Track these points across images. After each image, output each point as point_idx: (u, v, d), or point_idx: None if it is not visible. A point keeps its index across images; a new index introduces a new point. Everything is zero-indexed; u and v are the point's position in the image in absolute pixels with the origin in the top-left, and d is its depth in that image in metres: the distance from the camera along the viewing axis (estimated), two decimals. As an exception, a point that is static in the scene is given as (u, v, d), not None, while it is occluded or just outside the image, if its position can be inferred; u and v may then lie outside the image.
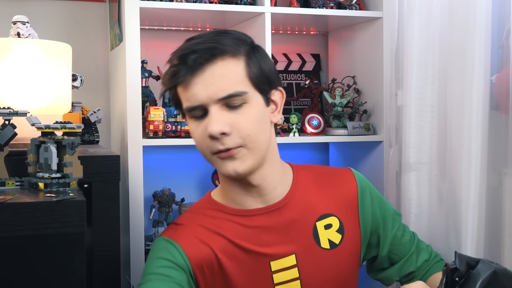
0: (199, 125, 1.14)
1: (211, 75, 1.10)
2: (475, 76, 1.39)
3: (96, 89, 2.22)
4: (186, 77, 1.11)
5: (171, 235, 1.21)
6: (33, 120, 1.27)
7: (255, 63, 1.14)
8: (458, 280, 0.99)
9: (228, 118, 1.11)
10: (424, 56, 1.59)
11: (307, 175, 1.28)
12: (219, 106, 1.11)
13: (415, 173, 1.61)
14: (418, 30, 1.60)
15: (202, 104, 1.12)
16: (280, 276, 1.21)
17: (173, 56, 1.14)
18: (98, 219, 1.36)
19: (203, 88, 1.11)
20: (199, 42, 1.12)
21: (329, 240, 1.23)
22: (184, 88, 1.13)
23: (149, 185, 1.97)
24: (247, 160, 1.14)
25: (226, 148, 1.12)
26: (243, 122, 1.12)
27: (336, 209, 1.25)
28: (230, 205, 1.23)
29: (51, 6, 2.16)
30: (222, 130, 1.10)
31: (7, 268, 1.08)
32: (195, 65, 1.10)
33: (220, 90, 1.10)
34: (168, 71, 1.15)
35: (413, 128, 1.61)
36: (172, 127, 1.83)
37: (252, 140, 1.13)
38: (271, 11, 1.89)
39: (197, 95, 1.11)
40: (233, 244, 1.20)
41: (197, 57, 1.10)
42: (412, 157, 1.61)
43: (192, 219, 1.24)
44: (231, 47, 1.12)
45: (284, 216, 1.22)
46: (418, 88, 1.59)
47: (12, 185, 1.25)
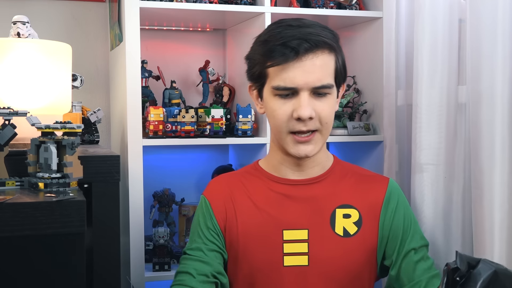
0: (285, 103, 1.25)
1: (312, 63, 1.22)
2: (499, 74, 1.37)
3: (96, 89, 2.22)
4: (289, 60, 1.21)
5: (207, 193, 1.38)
6: (33, 120, 1.27)
7: (340, 60, 1.28)
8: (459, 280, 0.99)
9: (314, 104, 1.24)
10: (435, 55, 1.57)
11: (345, 169, 1.38)
12: (309, 93, 1.24)
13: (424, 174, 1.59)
14: (428, 29, 1.58)
15: (296, 87, 1.23)
16: (290, 247, 1.28)
17: (272, 36, 1.24)
18: (98, 219, 1.36)
19: (302, 73, 1.22)
20: (311, 32, 1.22)
21: (344, 228, 1.29)
22: (282, 69, 1.23)
23: (149, 185, 1.97)
24: (319, 144, 1.28)
25: (308, 129, 1.25)
26: (326, 111, 1.26)
27: (360, 204, 1.32)
28: (269, 171, 1.37)
29: (51, 6, 2.16)
30: (311, 114, 1.24)
31: (7, 268, 1.08)
32: (302, 51, 1.21)
33: (317, 79, 1.23)
34: (266, 48, 1.24)
35: (423, 128, 1.58)
36: (172, 127, 1.83)
37: (327, 127, 1.28)
38: (271, 11, 1.89)
39: (295, 79, 1.23)
40: (255, 207, 1.32)
41: (304, 43, 1.21)
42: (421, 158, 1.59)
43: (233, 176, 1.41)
44: (332, 43, 1.25)
45: (309, 192, 1.32)
46: (428, 89, 1.57)
47: (12, 185, 1.25)
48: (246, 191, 1.36)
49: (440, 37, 1.56)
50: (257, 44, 1.30)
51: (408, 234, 1.32)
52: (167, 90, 2.01)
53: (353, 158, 2.15)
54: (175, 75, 2.19)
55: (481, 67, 1.40)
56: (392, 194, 1.34)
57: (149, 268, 1.87)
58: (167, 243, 1.89)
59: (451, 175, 1.54)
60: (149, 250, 1.89)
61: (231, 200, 1.35)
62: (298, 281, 1.27)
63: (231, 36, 2.24)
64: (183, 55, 2.26)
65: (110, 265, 1.38)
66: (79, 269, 1.11)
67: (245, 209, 1.34)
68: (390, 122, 1.84)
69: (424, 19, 1.58)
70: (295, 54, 1.21)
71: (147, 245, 1.87)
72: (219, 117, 1.88)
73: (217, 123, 1.88)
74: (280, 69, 1.24)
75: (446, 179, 1.55)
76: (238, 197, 1.35)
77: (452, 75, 1.56)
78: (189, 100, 2.19)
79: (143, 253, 1.77)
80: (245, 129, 1.90)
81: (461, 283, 0.98)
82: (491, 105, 1.37)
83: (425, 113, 1.58)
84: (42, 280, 1.10)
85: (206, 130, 1.87)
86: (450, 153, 1.55)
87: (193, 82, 2.26)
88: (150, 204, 2.04)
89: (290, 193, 1.33)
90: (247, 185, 1.37)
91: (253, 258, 1.30)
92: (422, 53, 1.59)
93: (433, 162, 1.57)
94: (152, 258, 1.88)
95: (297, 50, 1.21)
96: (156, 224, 2.01)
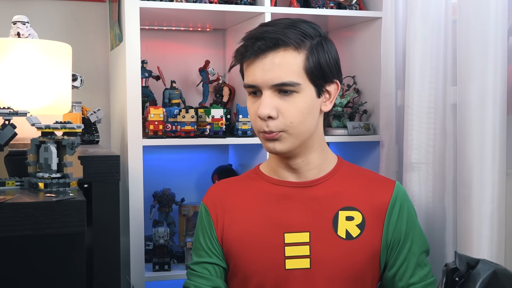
0: (254, 102, 1.28)
1: (271, 62, 1.23)
2: (490, 75, 1.37)
3: (96, 89, 2.22)
4: (250, 58, 1.25)
5: (206, 200, 1.39)
6: (33, 120, 1.27)
7: (315, 58, 1.25)
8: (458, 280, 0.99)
9: (277, 104, 1.24)
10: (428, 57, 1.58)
11: (350, 171, 1.37)
12: (271, 91, 1.24)
13: (415, 173, 1.60)
14: (420, 30, 1.59)
15: (257, 85, 1.25)
16: (292, 250, 1.28)
17: (246, 36, 1.28)
18: (98, 219, 1.36)
19: (261, 72, 1.24)
20: (269, 30, 1.25)
21: (346, 231, 1.28)
22: (247, 66, 1.27)
23: (149, 185, 1.97)
24: (287, 143, 1.27)
25: (270, 130, 1.25)
26: (290, 110, 1.24)
27: (364, 207, 1.31)
28: (270, 174, 1.37)
29: (51, 6, 2.16)
30: (269, 114, 1.24)
31: (7, 268, 1.08)
32: (259, 50, 1.23)
33: (276, 77, 1.23)
34: (239, 48, 1.29)
35: (414, 128, 1.60)
36: (172, 127, 1.83)
37: (294, 127, 1.25)
38: (271, 11, 1.89)
39: (255, 76, 1.25)
40: (255, 211, 1.32)
41: (263, 43, 1.23)
42: (412, 157, 1.61)
43: (232, 182, 1.43)
44: (294, 41, 1.23)
45: (310, 193, 1.31)
46: (420, 91, 1.59)
47: (12, 185, 1.25)
48: (246, 196, 1.36)
49: (431, 38, 1.57)
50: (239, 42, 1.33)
51: (408, 239, 1.31)
52: (167, 90, 2.01)
53: (353, 158, 2.15)
54: (175, 75, 2.19)
55: (470, 68, 1.40)
56: (397, 199, 1.32)
57: (149, 268, 1.87)
58: (167, 243, 1.89)
59: (441, 174, 1.56)
60: (149, 250, 1.90)
61: (230, 205, 1.35)
62: (300, 284, 1.27)
63: (231, 36, 2.24)
64: (183, 55, 2.26)
65: (110, 265, 1.38)
66: (79, 269, 1.11)
67: (245, 213, 1.33)
68: (387, 122, 1.85)
69: (416, 20, 1.59)
70: (254, 52, 1.24)
71: (147, 245, 1.87)
72: (219, 117, 1.88)
73: (217, 123, 1.88)
74: (247, 66, 1.28)
75: (436, 177, 1.56)
76: (237, 202, 1.35)
77: (442, 75, 1.56)
78: (189, 100, 2.19)
79: (143, 253, 1.77)
80: (245, 129, 1.91)
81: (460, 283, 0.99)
82: (481, 105, 1.38)
83: (416, 113, 1.60)
84: (42, 280, 1.10)
85: (206, 130, 1.87)
86: (440, 153, 1.56)
87: (193, 82, 2.26)
88: (150, 204, 2.04)
89: (291, 194, 1.32)
90: (247, 189, 1.37)
91: (254, 262, 1.29)
92: (414, 54, 1.60)
93: (423, 161, 1.58)
94: (152, 258, 1.88)
95: (255, 48, 1.23)
96: (156, 224, 2.02)
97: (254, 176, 1.40)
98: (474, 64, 1.39)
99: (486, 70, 1.37)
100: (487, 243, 1.36)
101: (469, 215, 1.40)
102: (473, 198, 1.39)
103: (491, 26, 1.36)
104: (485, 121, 1.37)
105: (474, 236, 1.38)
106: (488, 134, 1.37)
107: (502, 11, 1.36)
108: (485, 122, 1.37)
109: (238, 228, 1.32)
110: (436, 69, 1.58)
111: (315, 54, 1.25)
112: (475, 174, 1.38)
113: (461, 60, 1.44)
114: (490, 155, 1.36)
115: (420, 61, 1.59)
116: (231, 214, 1.34)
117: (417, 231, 1.34)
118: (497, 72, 1.36)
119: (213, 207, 1.36)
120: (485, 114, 1.37)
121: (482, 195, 1.37)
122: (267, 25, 1.28)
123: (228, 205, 1.35)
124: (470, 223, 1.39)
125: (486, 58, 1.37)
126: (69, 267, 1.11)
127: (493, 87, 1.36)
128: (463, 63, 1.43)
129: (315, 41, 1.26)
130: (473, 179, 1.39)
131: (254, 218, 1.32)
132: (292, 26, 1.25)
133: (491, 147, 1.36)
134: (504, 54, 1.37)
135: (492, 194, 1.36)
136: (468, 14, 1.41)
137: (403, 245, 1.31)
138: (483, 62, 1.37)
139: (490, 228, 1.36)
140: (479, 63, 1.38)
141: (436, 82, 1.58)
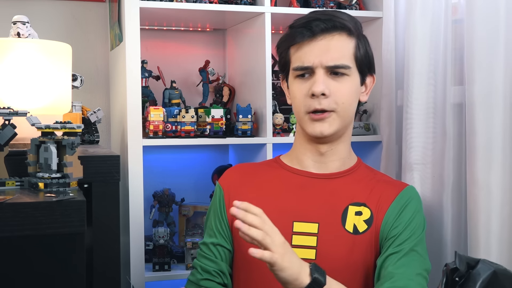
0: (302, 83, 1.30)
1: (327, 43, 1.27)
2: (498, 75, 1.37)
3: (96, 89, 2.22)
4: (305, 38, 1.27)
5: (221, 181, 1.39)
6: (33, 120, 1.27)
7: (363, 46, 1.31)
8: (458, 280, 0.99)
9: (329, 83, 1.27)
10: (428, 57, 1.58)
11: (367, 172, 1.38)
12: (325, 72, 1.27)
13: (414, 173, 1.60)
14: (420, 30, 1.59)
15: (312, 66, 1.27)
16: (299, 239, 1.28)
17: (296, 22, 1.31)
18: (98, 219, 1.36)
19: (317, 52, 1.27)
20: (324, 13, 1.30)
21: (354, 225, 1.29)
22: (299, 48, 1.29)
23: (149, 185, 1.97)
24: (334, 124, 1.29)
25: (322, 108, 1.27)
26: (341, 90, 1.28)
27: (373, 204, 1.31)
28: (291, 164, 1.38)
29: (51, 6, 2.16)
30: (323, 90, 1.26)
31: (7, 268, 1.08)
32: (317, 30, 1.26)
33: (331, 58, 1.27)
34: (288, 32, 1.31)
35: (413, 128, 1.60)
36: (172, 127, 1.83)
37: (344, 108, 1.29)
38: (271, 11, 1.89)
39: (310, 57, 1.27)
40: (268, 197, 1.32)
41: (321, 24, 1.26)
42: (411, 157, 1.61)
43: (251, 166, 1.43)
44: (350, 26, 1.29)
45: (326, 186, 1.32)
46: (420, 91, 1.59)
47: (12, 185, 1.25)
48: (262, 182, 1.36)
49: (431, 38, 1.57)
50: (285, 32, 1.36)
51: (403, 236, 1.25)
52: (167, 90, 2.01)
53: (353, 158, 2.16)
54: (175, 75, 2.19)
55: (479, 68, 1.40)
56: (404, 197, 1.30)
57: (149, 268, 1.87)
58: (167, 243, 1.89)
59: (440, 174, 1.55)
60: (149, 250, 1.90)
61: (244, 189, 1.36)
62: None
63: (231, 36, 2.24)
64: (183, 55, 2.26)
65: (110, 265, 1.38)
66: (79, 269, 1.11)
67: (258, 199, 1.30)
68: (387, 122, 1.85)
69: (416, 20, 1.60)
70: (311, 33, 1.27)
71: (147, 245, 1.87)
72: (219, 117, 1.88)
73: (217, 123, 1.88)
74: (297, 48, 1.29)
75: (435, 178, 1.56)
76: (252, 187, 1.36)
77: (442, 75, 1.56)
78: (189, 100, 2.19)
79: (143, 253, 1.77)
80: (245, 129, 1.90)
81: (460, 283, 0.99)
82: (489, 105, 1.37)
83: (415, 113, 1.60)
84: (42, 280, 1.10)
85: (206, 130, 1.87)
86: (439, 153, 1.56)
87: (193, 82, 2.26)
88: (150, 204, 2.04)
89: (306, 184, 1.33)
90: (265, 175, 1.38)
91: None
92: (414, 54, 1.60)
93: (422, 162, 1.58)
94: (152, 258, 1.88)
95: (313, 29, 1.26)
96: (156, 224, 2.01)
97: (274, 165, 1.41)
98: (483, 64, 1.39)
99: (494, 69, 1.36)
100: (496, 244, 1.36)
101: (479, 216, 1.39)
102: (484, 199, 1.38)
103: (500, 25, 1.36)
104: (494, 120, 1.36)
105: (483, 237, 1.38)
106: (497, 134, 1.36)
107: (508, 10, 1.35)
108: (494, 121, 1.36)
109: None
110: (436, 69, 1.58)
111: (363, 43, 1.31)
112: (484, 175, 1.38)
113: (469, 60, 1.44)
114: (500, 155, 1.36)
115: (420, 61, 1.59)
116: (244, 197, 1.32)
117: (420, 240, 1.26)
118: (507, 71, 1.36)
119: (227, 188, 1.37)
120: (493, 113, 1.37)
121: (492, 196, 1.37)
122: (324, 13, 1.32)
123: (243, 189, 1.36)
124: (480, 224, 1.38)
125: (494, 57, 1.36)
126: (69, 267, 1.11)
127: (503, 86, 1.36)
128: (470, 62, 1.42)
129: (360, 32, 1.32)
130: (481, 179, 1.38)
131: (266, 204, 1.28)
132: (342, 13, 1.31)
133: (500, 147, 1.36)
134: None
135: (503, 195, 1.36)
136: (476, 13, 1.40)
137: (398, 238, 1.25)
138: (491, 61, 1.37)
139: (499, 229, 1.36)
140: (487, 62, 1.38)
141: (436, 82, 1.58)
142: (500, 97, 1.37)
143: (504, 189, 1.36)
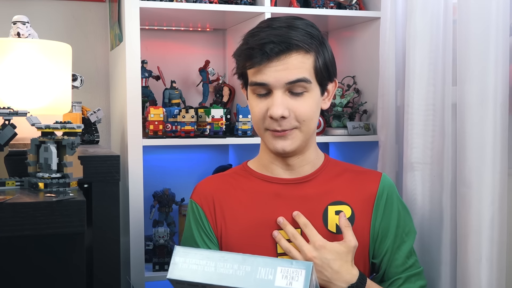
0: (260, 102, 1.27)
1: (284, 63, 1.23)
2: (491, 75, 1.37)
3: (96, 89, 2.22)
4: (262, 62, 1.23)
5: (195, 197, 1.36)
6: (33, 120, 1.27)
7: (321, 59, 1.28)
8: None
9: (288, 103, 1.24)
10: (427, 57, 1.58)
11: (338, 167, 1.38)
12: (283, 91, 1.24)
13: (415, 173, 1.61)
14: (420, 29, 1.59)
15: (268, 84, 1.24)
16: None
17: (251, 40, 1.26)
18: (98, 219, 1.36)
19: (274, 72, 1.23)
20: (277, 34, 1.23)
21: (336, 225, 1.30)
22: (256, 70, 1.25)
23: (149, 185, 1.97)
24: (297, 140, 1.28)
25: (283, 129, 1.25)
26: (302, 108, 1.25)
27: (352, 200, 1.32)
28: (260, 171, 1.36)
29: (51, 6, 2.16)
30: (282, 114, 1.23)
31: (7, 268, 1.08)
32: (272, 54, 1.22)
33: (289, 75, 1.23)
34: (244, 52, 1.27)
35: (414, 128, 1.60)
36: (172, 127, 1.83)
37: (306, 124, 1.27)
38: (271, 11, 1.89)
39: (267, 76, 1.24)
40: (246, 208, 1.31)
41: (275, 47, 1.22)
42: (412, 157, 1.61)
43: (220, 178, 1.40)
44: (305, 44, 1.24)
45: (301, 191, 1.32)
46: (419, 91, 1.59)
47: (12, 185, 1.25)
48: (235, 193, 1.34)
49: (431, 38, 1.57)
50: (241, 43, 1.31)
51: (399, 228, 1.33)
52: (167, 90, 2.01)
53: (353, 158, 2.16)
54: (175, 75, 2.19)
55: (471, 68, 1.40)
56: (384, 189, 1.34)
57: (149, 268, 1.87)
58: (167, 243, 1.89)
59: (440, 173, 1.56)
60: (149, 250, 1.90)
61: (219, 202, 1.34)
62: None
63: (231, 36, 2.24)
64: (183, 55, 2.26)
65: (110, 265, 1.38)
66: (79, 269, 1.12)
67: (235, 211, 1.32)
68: (384, 122, 1.85)
69: (415, 20, 1.59)
70: (267, 57, 1.22)
71: (147, 245, 1.87)
72: (219, 117, 1.88)
73: (217, 123, 1.88)
74: (256, 71, 1.25)
75: (435, 177, 1.56)
76: (227, 199, 1.34)
77: (442, 75, 1.56)
78: (189, 100, 2.19)
79: (143, 253, 1.77)
80: (245, 129, 1.91)
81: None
82: (481, 105, 1.38)
83: (416, 113, 1.60)
84: (42, 280, 1.10)
85: (206, 130, 1.87)
86: (439, 153, 1.56)
87: (193, 82, 2.26)
88: (150, 204, 2.04)
89: (281, 192, 1.32)
90: (236, 186, 1.36)
91: None
92: (414, 54, 1.60)
93: (423, 161, 1.58)
94: (152, 258, 1.88)
95: (268, 54, 1.22)
96: (156, 224, 2.02)
97: (243, 173, 1.38)
98: (475, 64, 1.39)
99: (487, 70, 1.37)
100: (487, 244, 1.36)
101: (469, 215, 1.39)
102: (473, 198, 1.39)
103: (492, 26, 1.36)
104: (486, 121, 1.37)
105: (474, 237, 1.38)
106: (489, 134, 1.37)
107: (503, 10, 1.36)
108: (486, 122, 1.37)
109: (230, 225, 1.32)
110: (435, 69, 1.58)
111: (322, 54, 1.27)
112: (476, 174, 1.38)
113: (461, 60, 1.44)
114: (491, 155, 1.36)
115: (419, 61, 1.59)
116: (222, 211, 1.33)
117: (406, 220, 1.36)
118: (498, 72, 1.36)
119: (205, 204, 1.34)
120: (486, 114, 1.37)
121: (482, 195, 1.37)
122: (269, 27, 1.26)
123: (221, 202, 1.34)
124: (470, 224, 1.39)
125: (487, 57, 1.37)
126: (69, 267, 1.11)
127: (494, 87, 1.36)
128: (463, 63, 1.43)
129: (319, 41, 1.27)
130: (473, 179, 1.39)
131: (247, 218, 1.31)
132: (295, 27, 1.25)
133: (491, 147, 1.36)
134: (506, 53, 1.37)
135: (493, 195, 1.36)
136: (469, 13, 1.40)
137: (392, 234, 1.32)
138: (484, 61, 1.37)
139: (490, 229, 1.36)
140: (480, 63, 1.38)
141: (436, 82, 1.58)
142: (490, 97, 1.37)
143: (494, 189, 1.37)
